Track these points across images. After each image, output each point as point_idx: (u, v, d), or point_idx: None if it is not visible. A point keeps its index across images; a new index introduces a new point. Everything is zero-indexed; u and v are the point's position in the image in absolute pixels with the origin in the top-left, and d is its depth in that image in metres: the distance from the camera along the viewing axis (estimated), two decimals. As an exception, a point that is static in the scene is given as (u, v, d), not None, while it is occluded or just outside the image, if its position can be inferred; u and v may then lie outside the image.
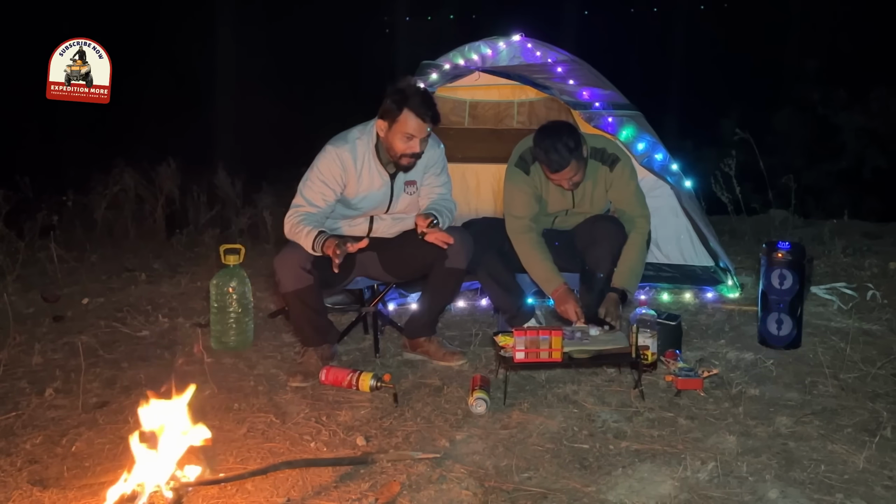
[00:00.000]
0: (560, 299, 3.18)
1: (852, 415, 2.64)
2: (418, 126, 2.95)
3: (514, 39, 4.54)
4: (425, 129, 2.97)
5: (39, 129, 9.90)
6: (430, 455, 2.38)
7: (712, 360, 3.18)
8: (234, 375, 3.16)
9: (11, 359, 3.31)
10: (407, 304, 3.96)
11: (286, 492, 2.20)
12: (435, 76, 4.13)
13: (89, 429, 2.64)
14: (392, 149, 3.00)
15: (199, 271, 4.90)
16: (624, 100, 4.24)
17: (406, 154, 3.00)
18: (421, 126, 2.96)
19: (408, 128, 2.95)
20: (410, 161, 3.04)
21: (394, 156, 3.02)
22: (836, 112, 9.78)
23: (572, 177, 3.16)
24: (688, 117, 10.91)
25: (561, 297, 3.18)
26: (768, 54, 13.61)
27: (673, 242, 4.34)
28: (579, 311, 3.14)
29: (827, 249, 4.98)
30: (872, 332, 3.52)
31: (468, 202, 4.63)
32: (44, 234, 5.39)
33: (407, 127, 2.95)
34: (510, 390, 2.85)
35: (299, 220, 2.97)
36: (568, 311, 3.15)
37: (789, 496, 2.14)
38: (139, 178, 6.62)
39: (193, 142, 9.01)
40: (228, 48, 13.89)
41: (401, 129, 2.95)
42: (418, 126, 2.95)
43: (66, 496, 2.20)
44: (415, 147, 2.99)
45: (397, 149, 2.99)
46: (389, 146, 3.00)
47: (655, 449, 2.42)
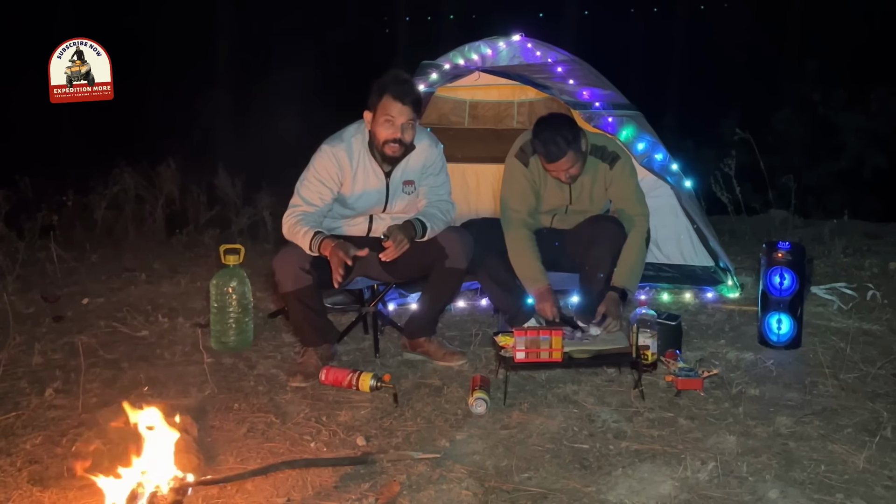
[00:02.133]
0: (540, 297, 3.19)
1: (852, 415, 2.65)
2: (399, 109, 2.95)
3: (514, 39, 4.54)
4: (406, 112, 2.97)
5: (39, 129, 9.89)
6: (430, 455, 2.38)
7: (712, 360, 3.19)
8: (234, 375, 3.16)
9: (11, 359, 3.31)
10: (407, 304, 3.96)
11: (286, 492, 2.20)
12: (435, 76, 4.13)
13: (89, 429, 2.64)
14: (377, 137, 3.01)
15: (199, 271, 4.90)
16: (624, 100, 4.24)
17: (389, 140, 2.99)
18: (401, 109, 2.95)
19: (388, 111, 2.95)
20: (395, 149, 3.01)
21: (378, 145, 3.02)
22: (836, 112, 9.77)
23: (569, 168, 3.16)
24: (688, 117, 10.90)
25: (541, 296, 3.19)
26: (768, 54, 13.61)
27: (673, 242, 4.34)
28: (556, 311, 3.14)
29: (827, 249, 4.99)
30: (872, 332, 3.52)
31: (468, 202, 4.63)
32: (44, 234, 5.39)
33: (387, 110, 2.95)
34: (510, 390, 2.85)
35: (297, 220, 2.98)
36: (545, 310, 3.16)
37: (789, 496, 2.14)
38: (139, 178, 6.62)
39: (193, 142, 9.02)
40: (229, 48, 13.90)
41: (382, 115, 2.96)
42: (399, 109, 2.95)
43: (66, 496, 2.20)
44: (396, 132, 2.97)
45: (381, 136, 2.99)
46: (375, 136, 3.01)
47: (655, 449, 2.43)
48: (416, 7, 17.30)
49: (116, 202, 6.45)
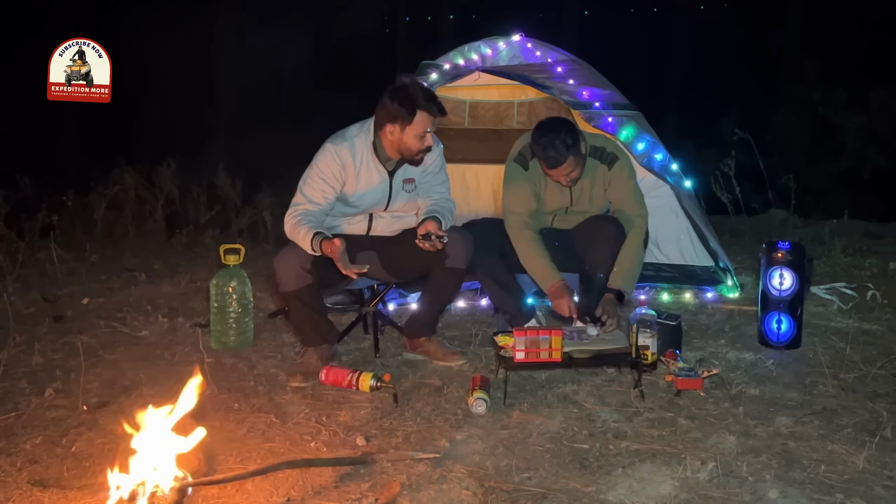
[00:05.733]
0: (555, 294, 3.19)
1: (852, 415, 2.65)
2: (433, 122, 3.02)
3: (514, 39, 4.54)
4: (436, 121, 3.05)
5: (39, 129, 9.89)
6: (430, 455, 2.38)
7: (712, 360, 3.18)
8: (234, 375, 3.16)
9: (11, 359, 3.31)
10: (407, 304, 3.96)
11: (286, 492, 2.20)
12: (435, 76, 4.13)
13: (89, 429, 2.64)
14: (408, 149, 3.03)
15: (199, 271, 4.90)
16: (624, 100, 4.24)
17: (422, 150, 3.06)
18: (434, 121, 3.03)
19: (422, 127, 2.99)
20: (425, 155, 3.10)
21: (409, 154, 3.05)
22: (836, 112, 9.78)
23: (569, 173, 3.17)
24: (688, 117, 10.91)
25: (556, 293, 3.19)
26: (768, 54, 13.61)
27: (673, 242, 4.34)
28: (573, 307, 3.14)
29: (827, 249, 4.99)
30: (872, 332, 3.52)
31: (468, 202, 4.63)
32: (44, 234, 5.40)
33: (421, 127, 2.99)
34: (510, 390, 2.85)
35: (298, 219, 2.98)
36: (561, 306, 3.16)
37: (789, 496, 2.14)
38: (139, 178, 6.63)
39: (193, 142, 9.02)
40: (229, 48, 13.88)
41: (415, 131, 2.99)
42: (433, 122, 3.02)
43: (66, 496, 2.20)
44: (429, 141, 3.04)
45: (414, 147, 3.02)
46: (404, 147, 3.03)
47: (655, 449, 2.43)
48: (416, 7, 17.29)
49: (116, 202, 6.46)
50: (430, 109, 2.98)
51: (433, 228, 2.98)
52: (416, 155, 3.06)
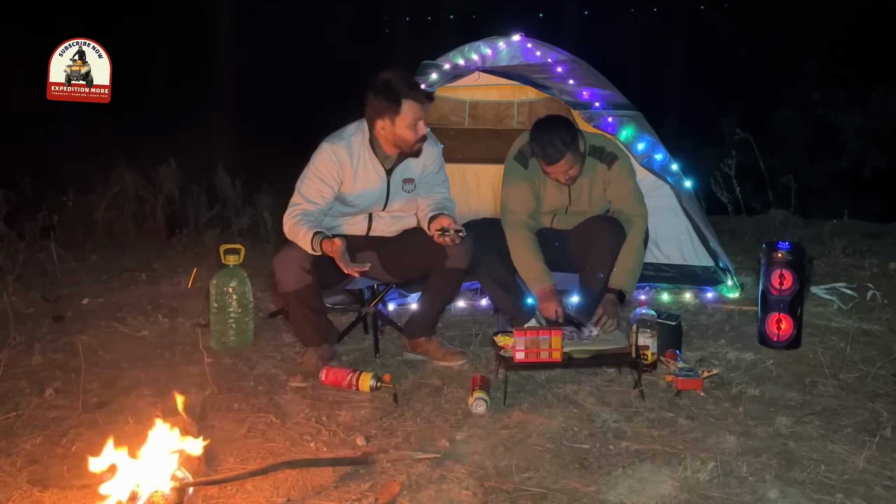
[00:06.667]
0: (543, 298, 3.19)
1: (852, 415, 2.65)
2: (424, 109, 3.01)
3: (514, 39, 4.54)
4: (426, 108, 3.04)
5: (39, 129, 9.88)
6: (430, 455, 2.38)
7: (712, 360, 3.19)
8: (234, 375, 3.16)
9: (11, 359, 3.31)
10: (407, 304, 3.96)
11: (286, 492, 2.20)
12: (435, 76, 4.13)
13: (89, 429, 2.64)
14: (403, 140, 3.02)
15: (199, 271, 4.89)
16: (624, 100, 4.24)
17: (419, 140, 3.04)
18: (425, 108, 3.02)
19: (412, 115, 2.98)
20: (423, 144, 3.09)
21: (407, 146, 3.05)
22: (836, 112, 9.78)
23: (568, 170, 3.17)
24: (688, 117, 10.91)
25: (544, 296, 3.19)
26: (768, 54, 13.61)
27: (673, 242, 4.34)
28: (560, 310, 3.14)
29: (827, 249, 4.99)
30: (872, 332, 3.53)
31: (468, 202, 4.63)
32: (44, 234, 5.39)
33: (411, 115, 2.98)
34: (510, 390, 2.85)
35: (298, 219, 2.98)
36: (548, 310, 3.15)
37: (789, 496, 2.14)
38: (139, 178, 6.63)
39: (193, 142, 9.00)
40: (229, 47, 13.89)
41: (406, 121, 2.98)
42: (424, 109, 3.01)
43: (66, 496, 2.20)
44: (423, 129, 3.04)
45: (409, 138, 3.02)
46: (399, 139, 3.02)
47: (655, 449, 2.43)
48: (416, 7, 17.28)
49: (116, 202, 6.46)
50: (415, 97, 2.97)
51: (449, 223, 2.98)
52: (414, 145, 3.04)
